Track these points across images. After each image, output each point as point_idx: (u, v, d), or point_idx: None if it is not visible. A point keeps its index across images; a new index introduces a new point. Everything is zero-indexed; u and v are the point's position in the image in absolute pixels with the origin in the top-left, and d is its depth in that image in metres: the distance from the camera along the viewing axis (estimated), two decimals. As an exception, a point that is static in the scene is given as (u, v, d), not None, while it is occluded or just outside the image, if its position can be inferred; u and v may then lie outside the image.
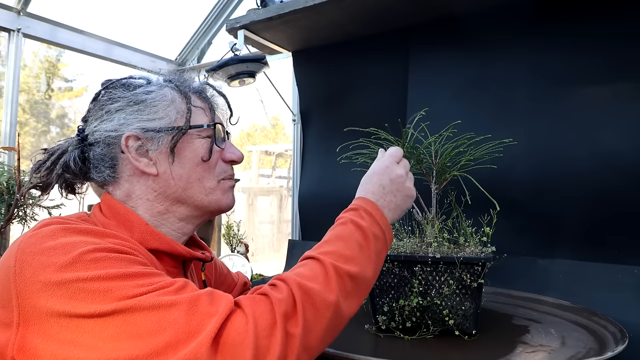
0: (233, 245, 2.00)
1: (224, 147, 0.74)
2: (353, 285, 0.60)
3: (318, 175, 1.87)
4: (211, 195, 0.71)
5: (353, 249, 0.62)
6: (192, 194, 0.69)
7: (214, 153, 0.71)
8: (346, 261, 0.60)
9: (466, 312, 0.89)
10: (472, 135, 0.99)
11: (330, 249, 0.62)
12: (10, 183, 1.39)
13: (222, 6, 2.39)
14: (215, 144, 0.71)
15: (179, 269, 0.70)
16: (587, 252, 1.27)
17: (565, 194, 1.31)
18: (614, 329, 0.89)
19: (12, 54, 1.85)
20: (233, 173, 0.75)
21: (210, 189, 0.71)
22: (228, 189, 0.74)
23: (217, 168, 0.72)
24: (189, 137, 0.69)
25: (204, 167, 0.70)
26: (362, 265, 0.62)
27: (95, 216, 0.66)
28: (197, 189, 0.69)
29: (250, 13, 1.60)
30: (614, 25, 1.27)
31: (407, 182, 0.75)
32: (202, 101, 0.73)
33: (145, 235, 0.64)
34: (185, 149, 0.68)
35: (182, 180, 0.68)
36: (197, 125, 0.69)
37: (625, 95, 1.25)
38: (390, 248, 0.73)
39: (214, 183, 0.71)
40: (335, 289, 0.57)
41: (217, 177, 0.72)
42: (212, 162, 0.71)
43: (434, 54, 1.59)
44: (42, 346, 0.47)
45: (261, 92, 4.94)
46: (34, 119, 4.10)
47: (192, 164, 0.69)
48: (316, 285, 0.55)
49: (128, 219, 0.64)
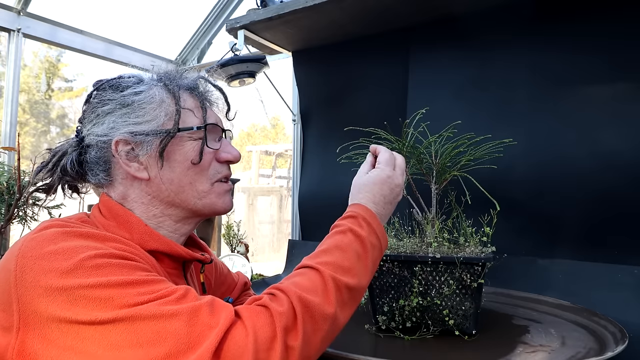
0: (233, 245, 2.00)
1: (219, 146, 0.71)
2: (350, 296, 0.60)
3: (318, 175, 1.87)
4: (205, 199, 0.69)
5: (351, 260, 0.62)
6: (185, 198, 0.67)
7: (206, 154, 0.68)
8: (345, 273, 0.60)
9: (466, 312, 0.89)
10: (472, 135, 0.99)
11: (329, 259, 0.61)
12: (10, 183, 1.39)
13: (222, 6, 2.39)
14: (207, 145, 0.68)
15: (178, 270, 0.69)
16: (587, 252, 1.27)
17: (565, 194, 1.31)
18: (614, 329, 0.89)
19: (12, 54, 1.85)
20: (228, 173, 0.73)
21: (203, 192, 0.68)
22: (223, 192, 0.71)
23: (211, 169, 0.69)
24: (179, 139, 0.67)
25: (196, 170, 0.67)
26: (359, 276, 0.62)
27: (95, 217, 0.65)
28: (189, 192, 0.67)
29: (250, 13, 1.60)
30: (614, 25, 1.27)
31: (402, 191, 0.77)
32: (194, 99, 0.70)
33: (144, 236, 0.63)
34: (176, 152, 0.66)
35: (173, 185, 0.66)
36: (186, 127, 0.67)
37: (625, 95, 1.25)
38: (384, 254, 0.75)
39: (207, 186, 0.69)
40: (333, 301, 0.57)
41: (210, 179, 0.69)
42: (204, 164, 0.68)
43: (434, 54, 1.59)
44: (42, 351, 0.47)
45: (261, 92, 4.94)
46: (34, 119, 4.10)
47: (182, 168, 0.67)
48: (316, 298, 0.56)
49: (127, 220, 0.64)
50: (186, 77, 0.72)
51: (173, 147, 0.66)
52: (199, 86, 0.72)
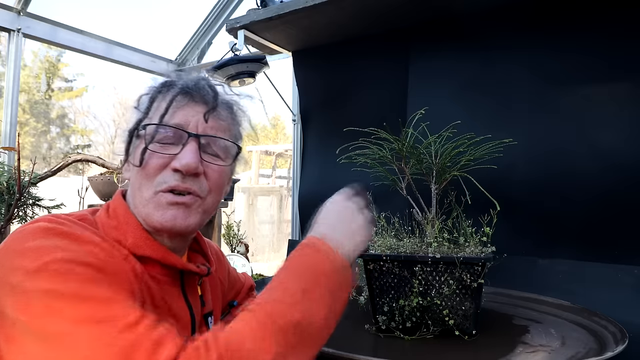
0: (233, 245, 2.00)
1: (179, 151, 0.62)
2: (301, 336, 0.52)
3: (318, 175, 1.87)
4: (145, 208, 0.62)
5: (295, 295, 0.55)
6: (136, 203, 0.64)
7: (153, 158, 0.62)
8: (287, 310, 0.53)
9: (466, 312, 0.89)
10: (472, 135, 0.99)
11: (269, 297, 0.55)
12: (10, 183, 1.39)
13: (222, 6, 2.39)
14: (147, 147, 0.61)
15: (172, 278, 0.66)
16: (587, 252, 1.27)
17: (565, 194, 1.31)
18: (614, 329, 0.89)
19: (12, 54, 1.85)
20: (177, 185, 0.61)
21: (145, 200, 0.62)
22: (165, 204, 0.62)
23: (159, 177, 0.62)
24: (139, 141, 0.64)
25: (141, 174, 0.63)
26: (309, 310, 0.54)
27: (100, 215, 0.65)
28: (138, 198, 0.63)
29: (250, 13, 1.60)
30: (614, 25, 1.27)
31: (357, 212, 0.69)
32: (168, 98, 0.64)
33: (138, 241, 0.62)
34: (133, 155, 0.64)
35: (132, 187, 0.65)
36: (134, 126, 0.63)
37: (625, 95, 1.25)
38: (355, 282, 0.67)
39: (150, 194, 0.62)
40: (272, 345, 0.49)
41: (155, 187, 0.62)
42: (148, 169, 0.62)
43: (434, 54, 1.59)
44: (5, 349, 0.48)
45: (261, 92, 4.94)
46: (34, 119, 4.10)
47: (134, 171, 0.64)
48: (249, 344, 0.49)
49: (126, 222, 0.63)
50: (184, 77, 0.67)
51: (135, 149, 0.64)
52: (172, 84, 0.65)
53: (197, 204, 0.64)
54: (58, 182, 1.91)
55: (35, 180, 1.47)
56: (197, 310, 0.70)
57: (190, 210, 0.63)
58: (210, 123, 0.65)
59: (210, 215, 0.68)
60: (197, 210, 0.65)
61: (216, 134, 0.66)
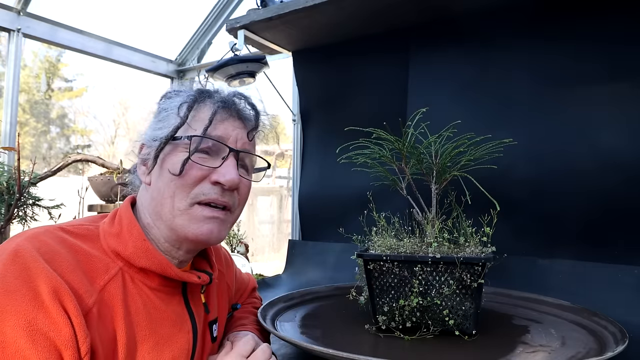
0: (233, 245, 2.00)
1: (218, 165, 0.64)
2: None
3: (318, 175, 1.87)
4: (178, 218, 0.62)
5: None
6: (164, 212, 0.63)
7: (193, 169, 0.62)
8: None
9: (466, 312, 0.89)
10: (472, 135, 0.99)
11: None
12: (10, 183, 1.39)
13: (222, 6, 2.39)
14: (190, 158, 0.62)
15: (173, 288, 0.66)
16: (587, 252, 1.27)
17: (566, 194, 1.31)
18: (614, 329, 0.89)
19: (12, 54, 1.85)
20: (216, 199, 0.63)
21: (178, 210, 0.62)
22: (201, 218, 0.62)
23: (197, 188, 0.63)
24: (175, 148, 0.64)
25: (177, 183, 0.62)
26: None
27: (104, 222, 0.65)
28: (167, 206, 0.63)
29: (250, 13, 1.60)
30: (614, 26, 1.27)
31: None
32: (209, 110, 0.65)
33: (138, 251, 0.61)
34: (167, 161, 0.64)
35: (159, 194, 0.64)
36: (178, 136, 0.63)
37: (625, 95, 1.25)
38: None
39: (185, 204, 0.62)
40: None
41: (192, 198, 0.63)
42: (187, 178, 0.62)
43: (434, 54, 1.59)
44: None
45: (261, 92, 4.93)
46: (34, 119, 4.10)
47: (168, 178, 0.63)
48: None
49: (129, 231, 0.63)
50: (224, 90, 0.69)
51: (169, 156, 0.64)
52: (211, 96, 0.67)
53: (229, 219, 0.67)
54: (58, 182, 1.91)
55: (35, 180, 1.47)
56: (200, 318, 0.70)
57: (224, 224, 0.66)
58: (248, 139, 0.69)
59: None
60: (228, 223, 0.67)
61: (250, 150, 0.69)
